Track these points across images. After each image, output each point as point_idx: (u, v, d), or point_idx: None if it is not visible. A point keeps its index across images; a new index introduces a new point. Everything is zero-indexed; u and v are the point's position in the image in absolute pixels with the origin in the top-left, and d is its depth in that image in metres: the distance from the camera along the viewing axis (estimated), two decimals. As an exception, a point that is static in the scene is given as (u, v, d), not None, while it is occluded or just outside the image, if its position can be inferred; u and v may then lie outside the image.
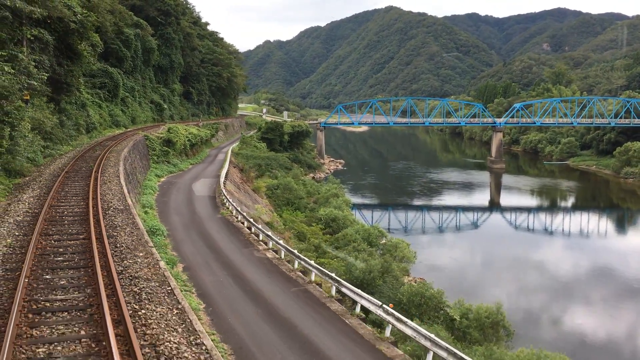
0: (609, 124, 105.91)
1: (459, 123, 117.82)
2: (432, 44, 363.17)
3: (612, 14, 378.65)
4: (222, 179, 37.42)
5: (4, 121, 17.39)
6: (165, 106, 72.31)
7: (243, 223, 24.12)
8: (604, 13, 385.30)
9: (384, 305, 12.09)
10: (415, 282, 36.81)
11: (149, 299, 8.56)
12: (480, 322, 25.19)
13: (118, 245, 10.73)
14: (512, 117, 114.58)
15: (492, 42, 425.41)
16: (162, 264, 9.86)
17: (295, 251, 17.58)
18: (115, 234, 11.66)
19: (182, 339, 6.97)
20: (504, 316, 25.88)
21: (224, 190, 31.45)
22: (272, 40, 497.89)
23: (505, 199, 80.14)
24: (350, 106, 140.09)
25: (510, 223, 61.45)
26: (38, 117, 26.21)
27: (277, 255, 18.88)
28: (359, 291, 13.59)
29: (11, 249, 10.06)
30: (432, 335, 11.04)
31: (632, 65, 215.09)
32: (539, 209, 70.77)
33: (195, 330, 7.40)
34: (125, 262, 9.81)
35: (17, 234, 11.11)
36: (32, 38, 23.64)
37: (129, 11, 67.01)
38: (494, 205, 74.45)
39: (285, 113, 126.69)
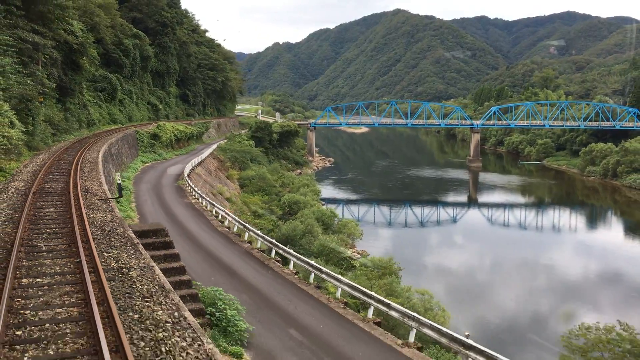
0: (579, 126, 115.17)
1: (439, 124, 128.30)
2: (439, 47, 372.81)
3: (621, 18, 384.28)
4: (190, 164, 48.68)
5: (28, 115, 28.88)
6: (161, 107, 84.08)
7: (187, 187, 35.37)
8: (612, 17, 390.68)
9: (226, 209, 23.04)
10: (359, 253, 47.94)
11: (90, 180, 19.86)
12: (376, 267, 36.26)
13: (84, 171, 22.11)
14: (489, 119, 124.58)
15: (501, 45, 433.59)
16: (101, 174, 21.26)
17: (203, 195, 28.83)
18: (84, 167, 23.09)
19: (97, 186, 18.43)
20: (393, 264, 36.94)
21: (186, 171, 42.64)
22: (281, 43, 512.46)
23: (472, 193, 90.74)
24: (344, 107, 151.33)
25: (466, 212, 72.23)
26: (49, 114, 37.77)
27: (198, 201, 30.11)
28: (219, 205, 24.75)
29: (33, 171, 21.55)
30: (251, 227, 22.09)
31: (628, 70, 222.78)
32: (499, 202, 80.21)
33: (104, 188, 18.81)
34: (84, 174, 21.20)
35: (36, 167, 22.61)
36: (45, 59, 35.15)
37: (129, 24, 78.94)
38: (457, 199, 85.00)
39: (277, 114, 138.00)
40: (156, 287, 8.67)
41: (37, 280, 8.77)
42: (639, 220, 67.39)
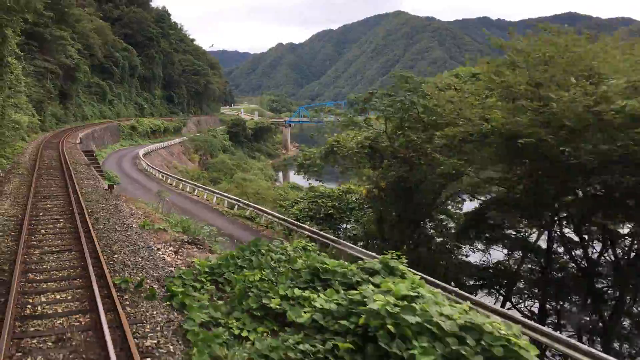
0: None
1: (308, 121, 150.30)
2: (436, 49, 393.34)
3: (620, 19, 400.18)
4: (154, 147, 71.54)
5: (41, 111, 52.00)
6: (146, 106, 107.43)
7: (139, 158, 58.04)
8: (612, 18, 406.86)
9: (148, 162, 45.57)
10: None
11: (70, 139, 42.78)
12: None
13: (68, 137, 44.96)
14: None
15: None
16: (77, 139, 43.98)
17: (148, 163, 51.59)
18: (69, 136, 46.01)
19: (72, 141, 41.22)
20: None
21: (141, 151, 65.20)
22: (284, 43, 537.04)
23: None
24: (323, 107, 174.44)
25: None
26: (54, 110, 60.98)
27: (145, 168, 52.79)
28: (149, 163, 47.45)
29: (44, 138, 44.50)
30: (153, 166, 44.69)
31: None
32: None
33: (76, 145, 41.53)
34: (68, 138, 44.00)
35: (46, 136, 45.65)
36: (51, 75, 58.27)
37: (121, 39, 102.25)
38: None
39: (256, 113, 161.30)
40: (81, 156, 31.39)
41: (49, 153, 31.64)
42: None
